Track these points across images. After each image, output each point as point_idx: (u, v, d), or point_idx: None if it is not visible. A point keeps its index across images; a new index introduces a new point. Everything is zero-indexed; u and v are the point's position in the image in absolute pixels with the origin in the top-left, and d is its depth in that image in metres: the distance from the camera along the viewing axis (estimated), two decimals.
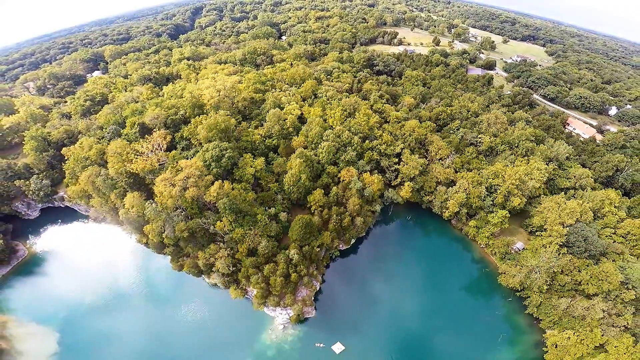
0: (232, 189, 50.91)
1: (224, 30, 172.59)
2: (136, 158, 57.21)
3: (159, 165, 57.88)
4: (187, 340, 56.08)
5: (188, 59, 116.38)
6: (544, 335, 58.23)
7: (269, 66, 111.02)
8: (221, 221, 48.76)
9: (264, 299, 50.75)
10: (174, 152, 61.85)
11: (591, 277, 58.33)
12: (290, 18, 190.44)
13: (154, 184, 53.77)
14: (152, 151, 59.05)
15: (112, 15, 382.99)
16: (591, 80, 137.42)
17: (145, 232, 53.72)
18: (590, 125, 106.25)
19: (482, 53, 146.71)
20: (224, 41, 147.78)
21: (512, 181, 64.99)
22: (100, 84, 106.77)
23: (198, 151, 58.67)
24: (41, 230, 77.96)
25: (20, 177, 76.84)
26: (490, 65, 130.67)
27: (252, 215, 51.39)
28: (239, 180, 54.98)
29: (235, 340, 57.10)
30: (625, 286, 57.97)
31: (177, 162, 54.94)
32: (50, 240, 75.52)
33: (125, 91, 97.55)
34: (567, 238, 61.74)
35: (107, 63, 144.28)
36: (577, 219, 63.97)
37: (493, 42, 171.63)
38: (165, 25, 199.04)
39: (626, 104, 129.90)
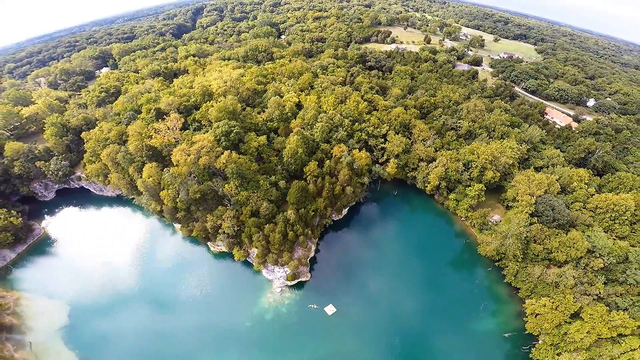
0: (239, 158, 62.97)
1: (226, 30, 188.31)
2: (155, 134, 69.55)
3: (175, 141, 70.13)
4: (192, 307, 64.61)
5: (194, 56, 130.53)
6: (523, 305, 65.93)
7: (269, 62, 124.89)
8: (229, 184, 60.46)
9: (263, 257, 61.62)
10: (187, 131, 74.20)
11: (560, 244, 66.61)
12: (289, 18, 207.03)
13: (171, 156, 65.78)
14: (168, 129, 71.34)
15: (111, 15, 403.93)
16: (573, 75, 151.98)
17: (161, 197, 65.20)
18: (568, 115, 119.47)
19: (471, 50, 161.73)
20: (226, 40, 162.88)
21: (486, 157, 77.04)
22: (113, 78, 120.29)
23: (208, 131, 70.95)
24: (56, 210, 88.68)
25: (40, 159, 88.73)
26: (476, 62, 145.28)
27: (255, 181, 63.22)
28: (244, 153, 67.06)
29: (236, 306, 65.69)
30: (593, 254, 66.21)
31: (191, 138, 67.22)
32: (64, 220, 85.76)
33: (137, 84, 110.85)
34: (536, 207, 72.18)
35: (115, 60, 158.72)
36: (546, 190, 75.42)
37: (483, 40, 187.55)
38: (167, 25, 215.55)
39: (606, 97, 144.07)
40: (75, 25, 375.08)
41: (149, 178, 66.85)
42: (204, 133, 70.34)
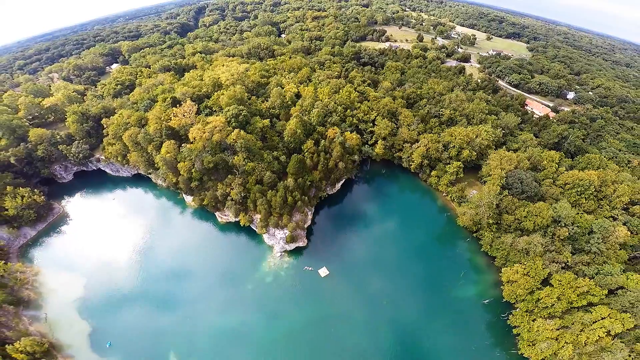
0: (246, 135, 78.17)
1: (228, 29, 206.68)
2: (174, 117, 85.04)
3: (190, 123, 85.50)
4: (199, 274, 76.22)
5: (200, 53, 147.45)
6: (500, 274, 75.61)
7: (271, 59, 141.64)
8: (237, 157, 75.38)
9: (266, 221, 75.74)
10: (200, 116, 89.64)
11: (528, 213, 78.11)
12: (288, 18, 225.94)
13: (188, 134, 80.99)
14: (184, 114, 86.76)
15: (112, 13, 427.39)
16: (559, 70, 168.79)
17: (178, 169, 79.99)
18: (547, 106, 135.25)
19: (461, 48, 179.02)
20: (230, 38, 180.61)
21: (462, 138, 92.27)
22: (126, 73, 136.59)
23: (219, 115, 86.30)
24: (74, 191, 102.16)
25: (62, 143, 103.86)
26: (465, 58, 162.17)
27: (260, 155, 78.16)
28: (250, 133, 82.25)
29: (240, 271, 77.28)
30: (559, 224, 77.43)
31: (205, 120, 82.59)
32: (82, 199, 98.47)
33: (149, 78, 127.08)
34: (507, 180, 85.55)
35: (124, 57, 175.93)
36: (516, 166, 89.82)
37: (475, 38, 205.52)
38: (172, 24, 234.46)
39: (588, 91, 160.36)
40: (76, 24, 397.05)
41: (167, 154, 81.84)
42: (216, 116, 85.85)
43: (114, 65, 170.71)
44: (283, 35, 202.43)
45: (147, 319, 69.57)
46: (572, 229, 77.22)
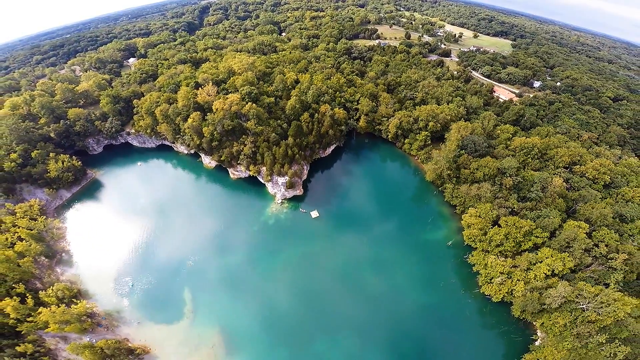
0: (257, 107, 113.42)
1: (233, 28, 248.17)
2: (200, 95, 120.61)
3: (212, 100, 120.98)
4: (214, 220, 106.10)
5: (211, 48, 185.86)
6: (461, 220, 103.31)
7: (273, 54, 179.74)
8: (250, 122, 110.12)
9: (270, 169, 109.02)
10: (219, 94, 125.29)
11: (478, 166, 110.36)
12: (288, 17, 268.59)
13: (211, 108, 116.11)
14: (208, 93, 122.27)
15: (113, 12, 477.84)
16: (533, 64, 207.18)
17: (203, 132, 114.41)
18: (514, 92, 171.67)
19: (444, 44, 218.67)
20: (235, 36, 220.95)
21: (428, 112, 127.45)
22: (147, 64, 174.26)
23: (235, 94, 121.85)
24: (103, 161, 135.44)
25: (97, 120, 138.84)
26: (446, 53, 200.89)
27: (267, 122, 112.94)
28: (260, 106, 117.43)
29: (247, 217, 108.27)
30: (504, 175, 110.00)
31: (224, 96, 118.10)
32: (110, 167, 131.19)
33: (169, 69, 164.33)
34: (463, 142, 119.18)
35: (140, 52, 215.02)
36: (471, 132, 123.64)
37: (461, 35, 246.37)
38: (179, 23, 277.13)
39: (557, 82, 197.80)
40: (77, 22, 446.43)
41: (193, 122, 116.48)
42: (233, 94, 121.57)
43: (131, 60, 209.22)
44: (284, 34, 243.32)
45: (164, 261, 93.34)
46: (516, 179, 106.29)
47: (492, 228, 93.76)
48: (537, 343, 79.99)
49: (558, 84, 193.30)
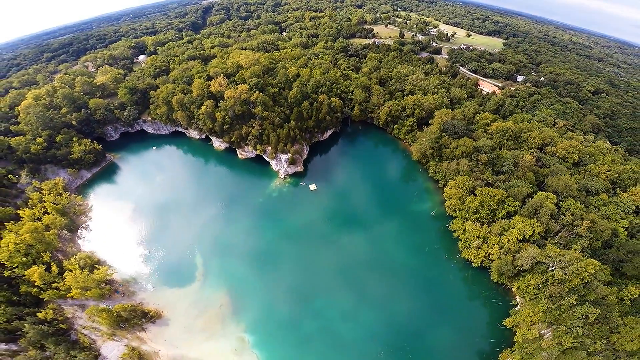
0: (263, 96, 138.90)
1: (236, 27, 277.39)
2: (212, 85, 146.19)
3: (224, 90, 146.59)
4: (224, 194, 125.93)
5: (218, 46, 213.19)
6: (444, 194, 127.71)
7: (275, 52, 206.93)
8: (257, 108, 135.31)
9: (275, 148, 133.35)
10: (230, 85, 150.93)
11: (457, 145, 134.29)
12: (289, 18, 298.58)
13: (223, 96, 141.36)
14: (219, 84, 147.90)
15: (113, 12, 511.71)
16: (519, 60, 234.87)
17: (215, 117, 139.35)
18: (497, 86, 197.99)
19: (435, 43, 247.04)
20: (239, 35, 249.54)
21: (414, 101, 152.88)
22: (159, 60, 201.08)
23: (243, 84, 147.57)
24: (120, 146, 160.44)
25: (116, 109, 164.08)
26: (437, 51, 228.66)
27: (272, 108, 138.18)
28: (266, 95, 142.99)
29: (253, 190, 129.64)
30: (480, 152, 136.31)
31: (235, 86, 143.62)
32: (127, 151, 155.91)
33: (180, 64, 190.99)
34: (444, 126, 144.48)
35: (150, 50, 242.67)
36: (452, 117, 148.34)
37: (454, 34, 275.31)
38: (183, 22, 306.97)
39: (541, 77, 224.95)
40: (80, 22, 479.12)
41: (207, 108, 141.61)
42: (242, 85, 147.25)
43: (141, 57, 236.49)
44: (284, 33, 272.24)
45: (179, 231, 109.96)
46: (491, 156, 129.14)
47: (469, 197, 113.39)
48: (517, 308, 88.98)
49: (542, 78, 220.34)
